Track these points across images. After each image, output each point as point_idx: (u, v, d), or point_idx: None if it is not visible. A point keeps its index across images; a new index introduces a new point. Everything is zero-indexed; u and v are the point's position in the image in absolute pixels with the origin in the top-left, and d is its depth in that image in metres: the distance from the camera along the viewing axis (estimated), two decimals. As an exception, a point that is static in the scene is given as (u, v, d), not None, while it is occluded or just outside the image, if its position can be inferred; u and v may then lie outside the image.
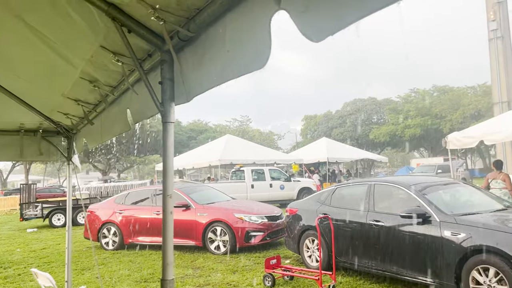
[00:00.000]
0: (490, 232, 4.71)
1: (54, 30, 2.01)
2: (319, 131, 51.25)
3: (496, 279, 4.54)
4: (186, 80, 1.75)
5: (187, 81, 1.74)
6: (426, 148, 50.46)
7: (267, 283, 6.14)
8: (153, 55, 1.93)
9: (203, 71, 1.62)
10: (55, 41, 2.12)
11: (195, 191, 9.98)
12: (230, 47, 1.42)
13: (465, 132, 9.18)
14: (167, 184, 1.77)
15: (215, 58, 1.52)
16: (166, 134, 1.80)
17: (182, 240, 9.04)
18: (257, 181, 17.68)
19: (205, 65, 1.60)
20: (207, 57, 1.58)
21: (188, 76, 1.73)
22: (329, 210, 6.78)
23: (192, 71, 1.71)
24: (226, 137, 23.48)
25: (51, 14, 1.86)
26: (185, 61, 1.74)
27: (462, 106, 38.96)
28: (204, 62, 1.60)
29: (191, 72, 1.71)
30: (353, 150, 29.64)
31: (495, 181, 8.31)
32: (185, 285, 6.47)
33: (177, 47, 1.75)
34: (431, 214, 5.33)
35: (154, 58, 1.94)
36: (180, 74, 1.78)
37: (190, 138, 47.25)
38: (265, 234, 8.70)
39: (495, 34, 16.41)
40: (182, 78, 1.77)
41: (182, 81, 1.78)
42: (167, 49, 1.77)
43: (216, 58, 1.51)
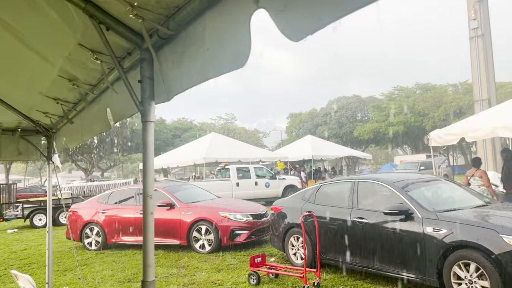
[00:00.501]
0: (471, 228, 4.79)
1: (30, 27, 1.96)
2: (304, 128, 51.45)
3: (476, 274, 4.62)
4: (166, 79, 1.72)
5: (167, 80, 1.72)
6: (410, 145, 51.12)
7: (252, 281, 6.14)
8: (133, 53, 1.90)
9: (183, 70, 1.60)
10: (32, 38, 2.06)
11: (179, 190, 9.92)
12: (210, 46, 1.40)
13: (447, 130, 9.31)
14: (148, 184, 1.74)
15: (195, 56, 1.50)
16: (146, 133, 1.77)
17: (167, 240, 8.97)
18: (242, 179, 17.67)
19: (185, 64, 1.58)
20: (186, 55, 1.56)
21: (168, 74, 1.71)
22: (313, 208, 6.81)
23: (172, 70, 1.68)
24: (211, 135, 23.39)
25: (27, 11, 1.81)
26: (165, 60, 1.72)
27: (444, 103, 39.55)
28: (184, 60, 1.58)
29: (171, 70, 1.69)
30: (337, 148, 29.85)
31: (473, 178, 8.47)
32: (170, 284, 6.42)
33: (156, 45, 1.72)
34: (414, 210, 5.39)
35: (134, 57, 1.91)
36: (160, 73, 1.75)
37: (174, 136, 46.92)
38: (250, 232, 8.70)
39: (475, 33, 16.68)
40: (162, 76, 1.74)
41: (162, 79, 1.75)
42: (146, 47, 1.74)
43: (196, 56, 1.49)
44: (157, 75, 1.79)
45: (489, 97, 16.62)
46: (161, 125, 46.02)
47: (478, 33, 16.61)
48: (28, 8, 1.78)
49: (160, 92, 1.78)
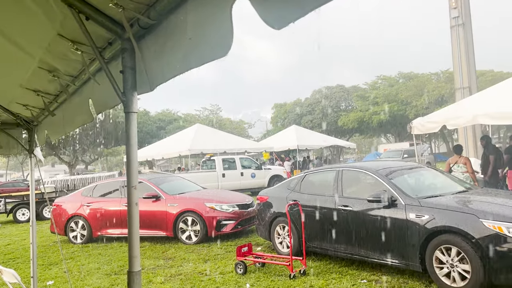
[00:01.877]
0: (452, 214, 4.90)
1: (8, 17, 1.91)
2: (289, 119, 51.55)
3: (458, 258, 4.74)
4: (148, 69, 1.71)
5: (149, 70, 1.71)
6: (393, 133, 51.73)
7: (239, 270, 6.19)
8: (114, 43, 1.87)
9: (165, 60, 1.58)
10: (9, 29, 2.02)
11: (165, 182, 9.88)
12: (192, 35, 1.39)
13: (429, 118, 9.44)
14: (131, 175, 1.74)
15: (177, 46, 1.49)
16: (129, 124, 1.75)
17: (153, 231, 8.95)
18: (228, 170, 17.68)
19: (166, 53, 1.57)
20: (168, 45, 1.55)
21: (150, 64, 1.70)
22: (299, 197, 6.87)
23: (154, 60, 1.67)
24: (195, 126, 23.28)
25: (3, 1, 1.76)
26: (147, 50, 1.70)
27: (427, 92, 40.03)
28: (166, 50, 1.57)
29: (153, 60, 1.68)
30: (322, 137, 30.04)
31: (456, 165, 8.62)
32: (157, 276, 6.43)
33: (137, 35, 1.70)
34: (397, 197, 5.49)
35: (115, 47, 1.88)
36: (142, 63, 1.74)
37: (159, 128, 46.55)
38: (236, 222, 8.74)
39: (456, 22, 16.88)
40: (144, 67, 1.73)
41: (144, 70, 1.74)
42: (128, 37, 1.72)
43: (178, 46, 1.48)
44: (139, 65, 1.77)
45: (470, 85, 16.91)
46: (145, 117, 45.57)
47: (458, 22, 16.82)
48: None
49: (143, 83, 1.77)
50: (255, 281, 5.76)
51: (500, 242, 4.45)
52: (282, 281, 5.69)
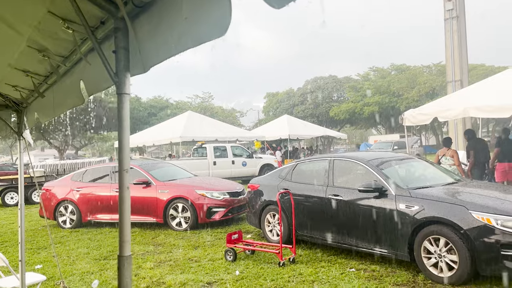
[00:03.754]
0: (442, 205, 4.95)
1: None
2: (281, 108, 51.47)
3: (446, 249, 4.79)
4: (142, 49, 1.66)
5: (143, 50, 1.66)
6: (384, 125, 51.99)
7: (229, 257, 6.20)
8: (106, 22, 1.82)
9: (159, 40, 1.54)
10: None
11: (155, 168, 9.83)
12: (187, 14, 1.35)
13: (420, 109, 9.48)
14: (123, 159, 1.70)
15: (172, 25, 1.45)
16: (122, 106, 1.71)
17: (143, 217, 8.93)
18: (219, 158, 17.65)
19: (161, 33, 1.52)
20: (163, 24, 1.50)
21: (144, 45, 1.65)
22: (289, 186, 6.88)
23: (148, 40, 1.62)
24: (187, 113, 23.12)
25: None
26: (141, 29, 1.65)
27: (418, 84, 40.18)
28: (161, 30, 1.52)
29: (147, 40, 1.63)
30: (313, 127, 30.05)
31: (444, 157, 8.71)
32: (146, 261, 6.42)
33: (131, 14, 1.65)
34: (387, 188, 5.52)
35: (108, 26, 1.83)
36: (136, 43, 1.69)
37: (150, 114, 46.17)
38: (227, 210, 8.75)
39: (450, 14, 16.89)
40: (138, 47, 1.68)
41: (138, 50, 1.69)
42: (121, 16, 1.66)
43: (174, 25, 1.44)
44: (132, 46, 1.72)
45: (462, 79, 16.99)
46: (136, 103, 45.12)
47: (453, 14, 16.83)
48: (-7, -28, 1.67)
49: (136, 63, 1.72)
50: (244, 268, 5.79)
51: (488, 234, 4.51)
52: (271, 268, 5.72)
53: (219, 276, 5.54)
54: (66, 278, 5.82)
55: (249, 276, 5.47)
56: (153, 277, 5.64)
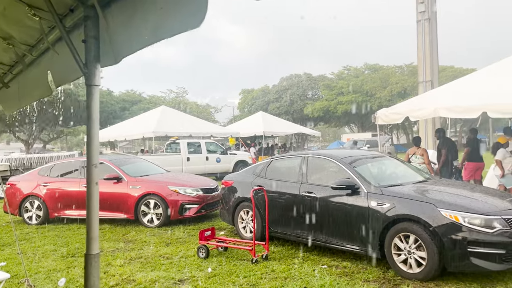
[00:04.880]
0: (412, 202, 5.05)
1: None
2: (256, 105, 51.47)
3: (415, 245, 4.89)
4: (114, 40, 1.59)
5: (114, 41, 1.59)
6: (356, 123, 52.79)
7: (201, 254, 6.14)
8: (76, 10, 1.74)
9: (133, 30, 1.48)
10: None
11: (127, 163, 9.63)
12: (163, 4, 1.30)
13: (393, 109, 9.66)
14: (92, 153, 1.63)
15: (147, 15, 1.39)
16: (91, 98, 1.64)
17: (113, 213, 8.74)
18: (193, 154, 17.49)
19: (135, 23, 1.46)
20: (138, 14, 1.44)
21: (116, 35, 1.58)
22: (264, 182, 6.87)
23: (120, 30, 1.56)
24: (161, 108, 22.80)
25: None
26: (112, 18, 1.58)
27: (390, 84, 40.97)
28: (135, 19, 1.46)
29: (120, 30, 1.56)
30: (288, 125, 30.24)
31: (414, 156, 8.92)
32: (116, 258, 6.28)
33: (103, 2, 1.58)
34: (360, 185, 5.58)
35: (77, 14, 1.75)
36: (107, 33, 1.62)
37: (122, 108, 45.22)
38: (200, 206, 8.66)
39: (422, 16, 17.27)
40: (109, 37, 1.61)
41: (109, 40, 1.62)
42: (92, 4, 1.59)
43: (148, 15, 1.38)
44: (103, 35, 1.65)
45: (432, 79, 17.42)
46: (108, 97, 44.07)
47: (425, 16, 17.21)
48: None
49: (107, 54, 1.65)
50: (217, 265, 5.74)
51: (456, 231, 4.62)
52: (244, 265, 5.70)
53: (191, 273, 5.47)
54: (31, 276, 5.62)
55: (222, 273, 5.43)
56: (123, 275, 5.52)
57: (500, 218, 4.68)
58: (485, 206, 4.90)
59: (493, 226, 4.60)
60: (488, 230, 4.58)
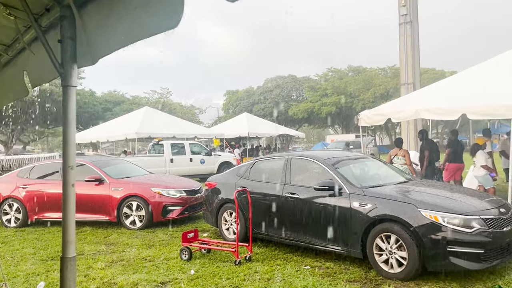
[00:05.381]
0: (393, 203, 5.11)
1: None
2: (241, 106, 51.46)
3: (396, 245, 4.95)
4: (91, 40, 1.57)
5: (91, 41, 1.57)
6: (340, 125, 53.22)
7: (184, 256, 6.10)
8: (52, 9, 1.71)
9: (109, 30, 1.46)
10: None
11: (109, 165, 9.51)
12: (138, 4, 1.29)
13: (375, 110, 9.76)
14: (68, 154, 1.61)
15: (122, 15, 1.37)
16: (67, 99, 1.61)
17: (95, 216, 8.62)
18: (177, 155, 17.37)
19: (111, 23, 1.45)
20: (113, 14, 1.42)
21: (93, 35, 1.56)
22: (247, 184, 6.86)
23: (97, 30, 1.54)
24: (144, 109, 22.61)
25: None
26: (89, 18, 1.56)
27: (374, 86, 41.45)
28: (110, 19, 1.44)
29: (96, 30, 1.54)
30: (272, 126, 30.30)
31: (396, 157, 9.03)
32: (97, 261, 6.19)
33: (79, 1, 1.56)
34: (342, 186, 5.62)
35: (53, 14, 1.72)
36: (84, 33, 1.60)
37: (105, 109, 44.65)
38: (183, 208, 8.61)
39: (404, 19, 17.54)
40: (85, 37, 1.59)
41: (86, 40, 1.60)
42: (68, 4, 1.57)
43: (124, 15, 1.37)
44: (80, 36, 1.63)
45: (414, 81, 17.69)
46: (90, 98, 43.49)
47: (407, 19, 17.47)
48: None
49: (84, 54, 1.63)
50: (200, 267, 5.71)
51: (436, 231, 4.70)
52: (227, 267, 5.68)
53: (174, 275, 5.43)
54: (9, 280, 5.50)
55: (205, 275, 5.40)
56: (104, 278, 5.44)
57: (478, 218, 4.78)
58: (464, 206, 4.99)
59: (471, 226, 4.69)
60: (467, 230, 4.67)
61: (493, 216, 4.91)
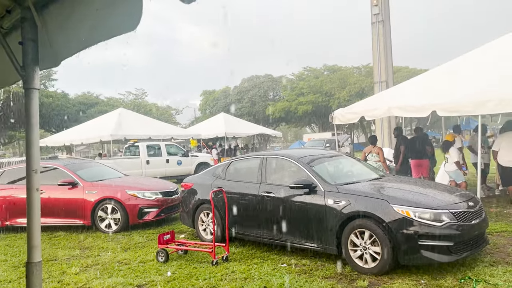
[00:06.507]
0: (366, 199, 5.20)
1: None
2: (218, 106, 51.32)
3: (370, 241, 5.04)
4: (53, 42, 1.55)
5: (54, 43, 1.55)
6: (317, 123, 53.74)
7: (160, 258, 6.06)
8: (13, 11, 1.68)
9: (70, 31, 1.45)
10: None
11: (82, 168, 9.34)
12: (99, 6, 1.28)
13: (349, 108, 9.91)
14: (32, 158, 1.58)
15: (84, 17, 1.37)
16: (30, 102, 1.59)
17: (68, 220, 8.46)
18: (153, 157, 17.20)
19: (73, 25, 1.43)
20: (75, 15, 1.41)
21: (55, 37, 1.54)
22: (223, 184, 6.86)
23: (59, 32, 1.52)
24: (118, 110, 22.25)
25: None
26: (51, 20, 1.54)
27: (349, 85, 42.04)
28: (72, 21, 1.43)
29: (58, 32, 1.53)
30: (250, 126, 30.38)
31: (371, 154, 9.20)
32: (71, 266, 6.08)
33: (40, 3, 1.54)
34: (317, 184, 5.69)
35: (14, 16, 1.69)
36: (46, 35, 1.57)
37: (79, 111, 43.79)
38: (159, 210, 8.53)
39: (377, 18, 17.86)
40: (47, 39, 1.57)
41: (49, 42, 1.58)
42: (28, 6, 1.54)
43: (85, 17, 1.36)
44: (42, 37, 1.61)
45: (387, 80, 18.04)
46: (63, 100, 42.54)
47: (379, 18, 17.79)
48: None
49: (47, 56, 1.61)
50: (176, 269, 5.68)
51: (407, 226, 4.81)
52: (204, 268, 5.67)
53: (150, 278, 5.38)
54: (-21, 289, 5.35)
55: (181, 276, 5.38)
56: (78, 283, 5.35)
57: (448, 211, 4.92)
58: (434, 201, 5.13)
59: (441, 220, 4.83)
60: (437, 224, 4.80)
61: (462, 209, 5.07)
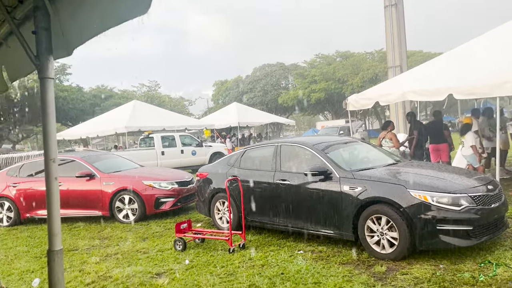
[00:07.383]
0: (383, 185, 5.15)
1: None
2: (230, 96, 51.28)
3: (387, 226, 5.01)
4: (65, 30, 1.56)
5: (66, 31, 1.55)
6: (330, 111, 53.31)
7: (178, 247, 6.12)
8: (25, 1, 1.68)
9: (82, 19, 1.45)
10: None
11: (99, 160, 9.46)
12: (110, -9, 1.27)
13: (363, 94, 9.79)
14: (49, 147, 1.59)
15: (94, 4, 1.36)
16: (45, 91, 1.60)
17: (87, 211, 8.61)
18: (168, 148, 17.32)
19: (84, 13, 1.43)
20: (86, 3, 1.41)
21: (67, 25, 1.54)
22: (238, 172, 6.87)
23: (70, 20, 1.52)
24: (132, 103, 22.40)
25: None
26: (62, 8, 1.54)
27: (362, 71, 41.46)
28: (84, 8, 1.43)
29: (70, 20, 1.53)
30: (263, 114, 30.28)
31: (384, 140, 9.09)
32: (92, 256, 6.20)
33: (52, -8, 1.53)
34: (332, 171, 5.65)
35: (27, 5, 1.69)
36: (58, 23, 1.57)
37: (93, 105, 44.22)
38: (175, 199, 8.61)
39: (390, 2, 17.53)
40: (60, 28, 1.57)
41: (61, 31, 1.58)
42: (40, -6, 1.54)
43: (95, 3, 1.35)
44: (55, 26, 1.61)
45: (401, 64, 17.73)
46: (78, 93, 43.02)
47: (392, 2, 17.44)
48: None
49: (60, 45, 1.61)
50: (194, 257, 5.74)
51: (425, 210, 4.76)
52: (221, 255, 5.71)
53: (169, 266, 5.46)
54: (4, 278, 5.49)
55: (199, 264, 5.43)
56: (99, 272, 5.45)
57: (466, 195, 4.85)
58: (452, 185, 5.06)
59: (460, 204, 4.76)
60: (456, 208, 4.74)
61: (481, 193, 4.99)
